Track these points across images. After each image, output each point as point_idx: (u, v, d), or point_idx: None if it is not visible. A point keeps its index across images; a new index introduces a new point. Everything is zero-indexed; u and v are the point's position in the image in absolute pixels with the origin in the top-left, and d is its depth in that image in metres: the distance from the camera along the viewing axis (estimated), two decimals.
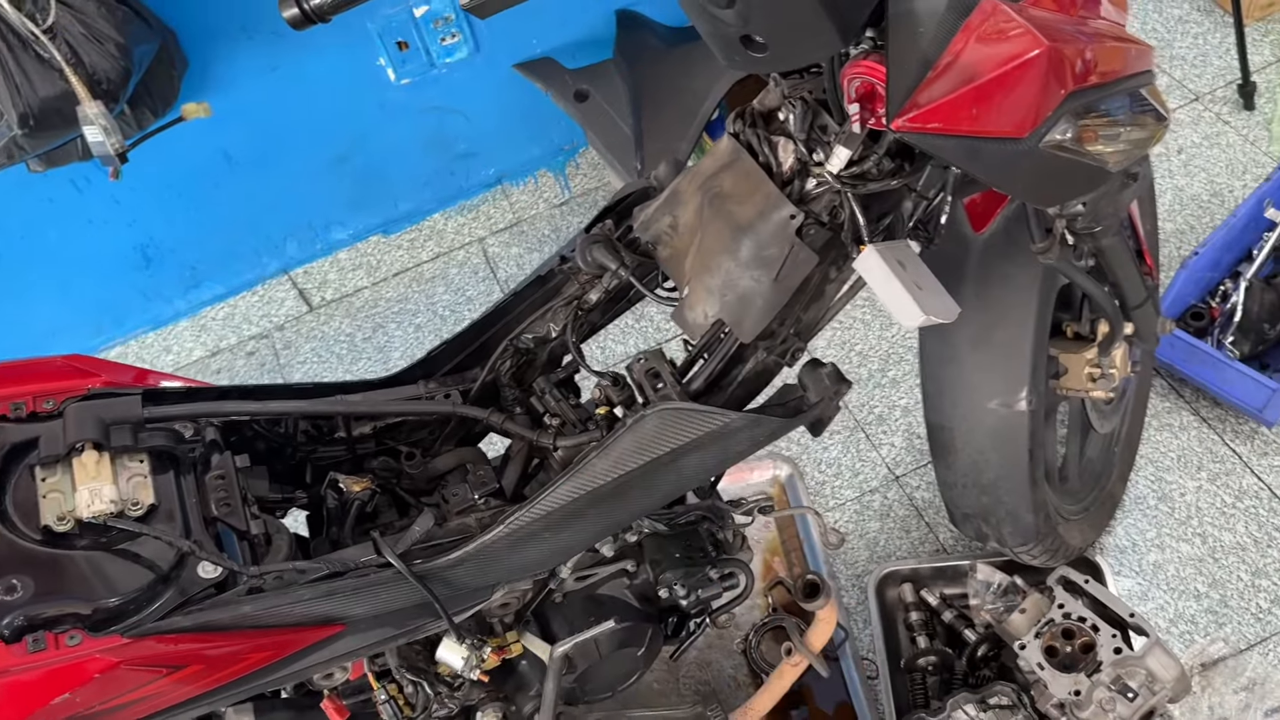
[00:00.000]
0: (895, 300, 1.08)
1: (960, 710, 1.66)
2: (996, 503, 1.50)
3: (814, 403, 1.17)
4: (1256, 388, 1.91)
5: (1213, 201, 2.36)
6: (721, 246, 1.15)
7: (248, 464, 1.20)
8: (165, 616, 1.02)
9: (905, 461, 2.09)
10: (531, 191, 2.73)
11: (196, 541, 1.06)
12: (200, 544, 1.06)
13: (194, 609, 1.03)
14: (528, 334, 1.34)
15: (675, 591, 1.37)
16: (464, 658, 1.22)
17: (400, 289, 2.66)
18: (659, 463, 1.15)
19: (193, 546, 1.04)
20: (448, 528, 1.21)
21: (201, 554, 1.04)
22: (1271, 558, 1.83)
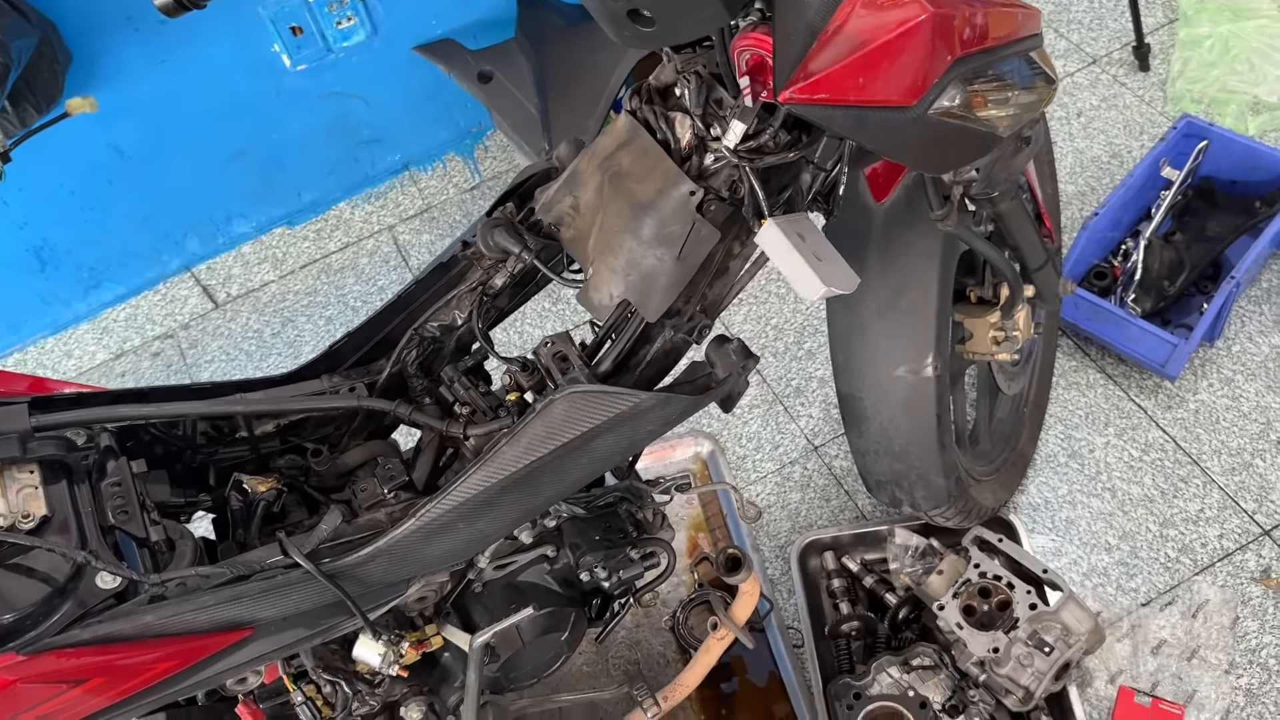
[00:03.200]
0: (796, 273, 1.07)
1: (884, 673, 1.69)
2: (908, 468, 1.52)
3: (722, 379, 1.16)
4: (1159, 343, 1.97)
5: (1112, 163, 2.42)
6: (623, 226, 1.14)
7: (145, 469, 1.16)
8: (63, 630, 0.98)
9: (823, 432, 2.11)
10: (440, 177, 2.68)
11: (92, 551, 1.01)
12: (96, 554, 1.02)
13: (93, 621, 0.99)
14: (433, 323, 1.31)
15: (596, 574, 1.37)
16: (381, 654, 1.20)
17: (309, 281, 2.60)
18: (570, 447, 1.14)
19: (87, 557, 1.00)
20: (357, 524, 1.18)
21: (97, 564, 1.00)
22: (1178, 508, 1.89)
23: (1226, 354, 2.06)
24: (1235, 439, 1.95)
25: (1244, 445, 1.94)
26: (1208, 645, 1.73)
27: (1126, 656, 1.75)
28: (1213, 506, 1.88)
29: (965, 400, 1.75)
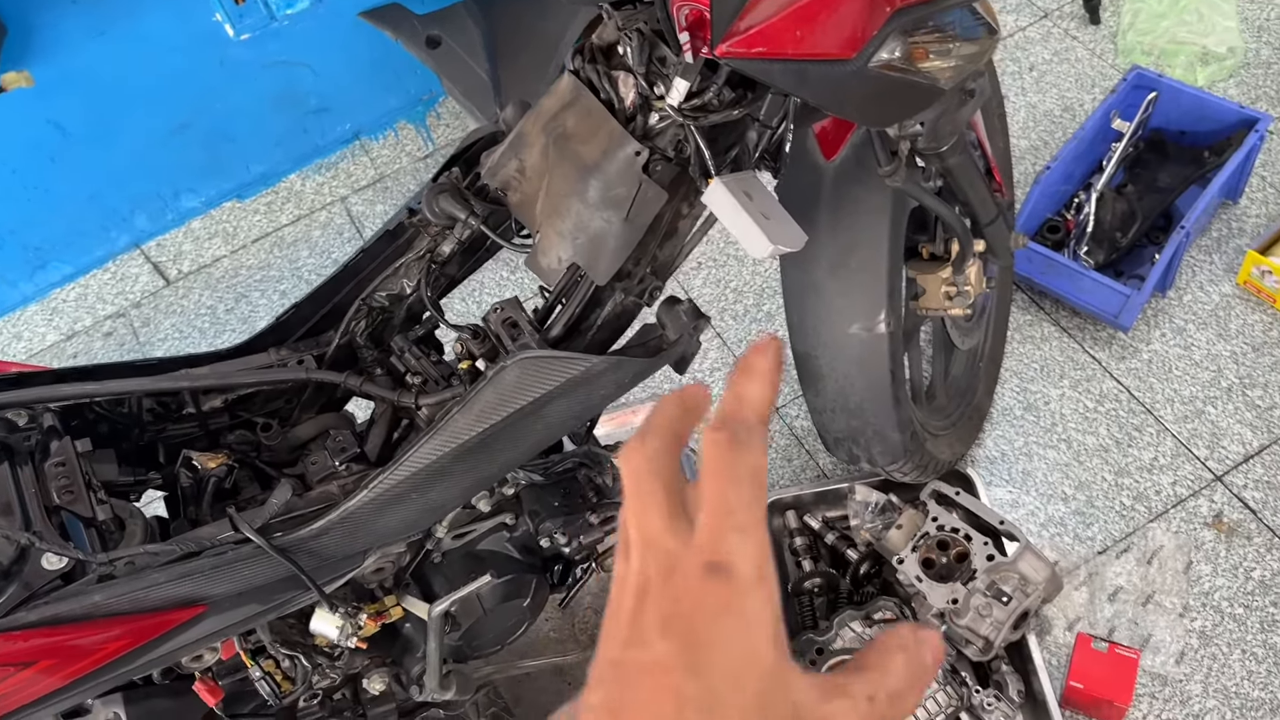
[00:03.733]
0: (743, 232, 1.07)
1: (847, 628, 1.71)
2: (864, 424, 1.53)
3: (674, 340, 1.16)
4: (1112, 295, 1.99)
5: (1065, 116, 2.43)
6: (569, 188, 1.12)
7: (90, 448, 1.14)
8: (9, 613, 0.97)
9: (784, 393, 2.12)
10: (392, 145, 2.65)
11: (35, 532, 1.00)
12: (40, 535, 1.00)
13: (40, 603, 0.98)
14: (381, 292, 1.30)
15: (557, 540, 1.37)
16: (339, 627, 1.20)
17: (261, 255, 2.56)
18: (523, 413, 1.13)
19: (31, 538, 0.99)
20: (309, 497, 1.17)
21: (42, 545, 0.99)
22: (1132, 456, 1.92)
23: (1178, 303, 2.09)
24: (1188, 387, 1.98)
25: (1196, 393, 1.97)
26: (1162, 590, 1.76)
27: (1084, 604, 1.78)
28: (1166, 454, 1.91)
29: (921, 356, 1.76)
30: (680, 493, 0.44)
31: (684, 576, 0.41)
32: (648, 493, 0.44)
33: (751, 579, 0.41)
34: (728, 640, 0.40)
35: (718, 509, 0.42)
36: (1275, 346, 1.99)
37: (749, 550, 0.41)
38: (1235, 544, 1.79)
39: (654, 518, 0.43)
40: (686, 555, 0.42)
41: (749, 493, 0.42)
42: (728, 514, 0.42)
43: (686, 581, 0.41)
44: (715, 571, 0.41)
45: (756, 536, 0.42)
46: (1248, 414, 1.92)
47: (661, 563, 0.42)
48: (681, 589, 0.41)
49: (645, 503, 0.43)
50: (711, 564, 0.41)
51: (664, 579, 0.42)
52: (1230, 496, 1.84)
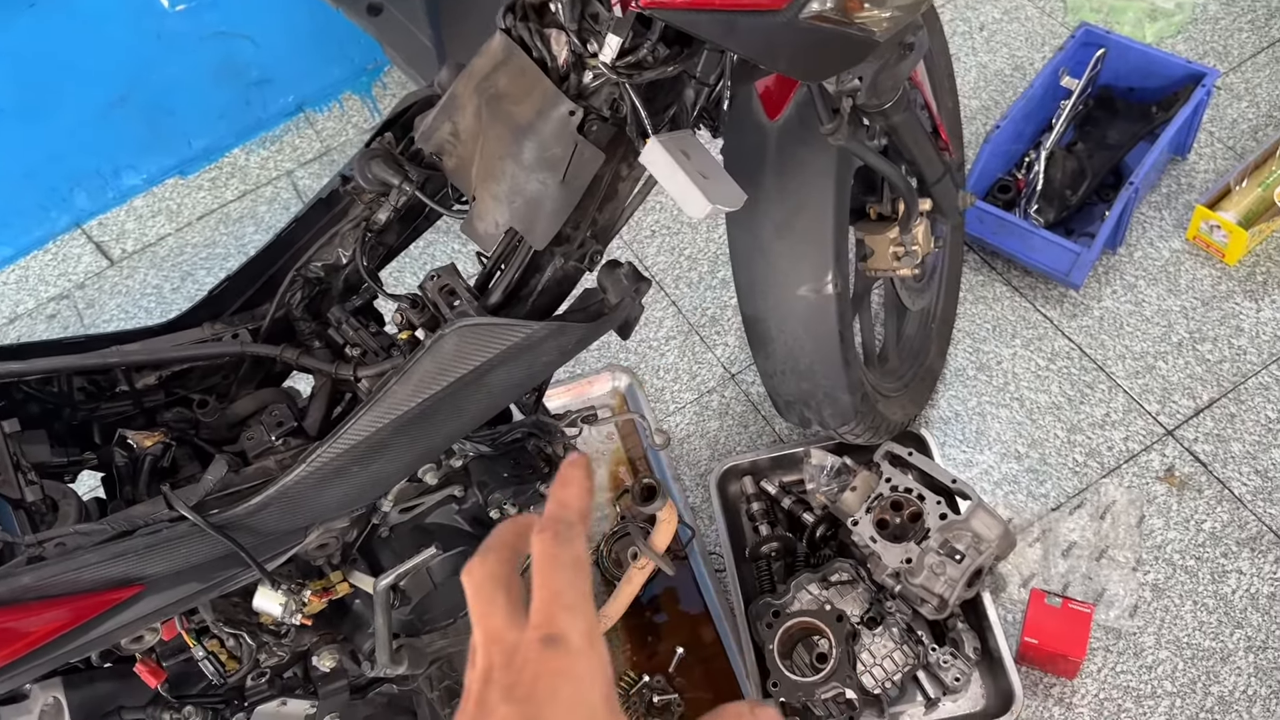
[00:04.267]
0: (681, 191, 1.05)
1: (804, 590, 1.71)
2: (815, 387, 1.52)
3: (615, 304, 1.14)
4: (1062, 253, 1.99)
5: (1015, 75, 2.42)
6: (504, 150, 1.10)
7: (19, 428, 1.11)
8: None
9: (739, 359, 2.11)
10: (338, 117, 2.60)
11: None
12: None
13: None
14: (316, 262, 1.26)
15: (506, 511, 1.35)
16: (282, 604, 1.17)
17: (206, 233, 2.51)
18: (464, 382, 1.11)
19: None
20: (245, 473, 1.14)
21: None
22: (1084, 413, 1.93)
23: (1129, 260, 2.10)
24: (1139, 343, 1.99)
25: (1147, 349, 1.98)
26: (1115, 545, 1.77)
27: (1038, 560, 1.79)
28: (1118, 410, 1.92)
29: (872, 318, 1.76)
30: (517, 594, 0.51)
31: (523, 653, 0.48)
32: (488, 599, 0.51)
33: (583, 646, 0.48)
34: (565, 699, 0.46)
35: (547, 593, 0.49)
36: (1224, 300, 2.01)
37: (578, 623, 0.48)
38: (1186, 497, 1.81)
39: (496, 618, 0.50)
40: (524, 637, 0.48)
41: (573, 575, 0.50)
42: (556, 596, 0.49)
43: (526, 656, 0.47)
44: (550, 643, 0.47)
45: (584, 611, 0.49)
46: (1198, 368, 1.94)
47: (504, 650, 0.48)
48: (521, 663, 0.47)
49: (487, 608, 0.50)
50: (547, 636, 0.47)
51: (506, 661, 0.48)
52: (1181, 450, 1.86)
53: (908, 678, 1.66)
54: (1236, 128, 2.23)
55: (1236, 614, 1.69)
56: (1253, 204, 2.01)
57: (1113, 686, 1.66)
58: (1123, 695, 1.66)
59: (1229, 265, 2.04)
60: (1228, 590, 1.71)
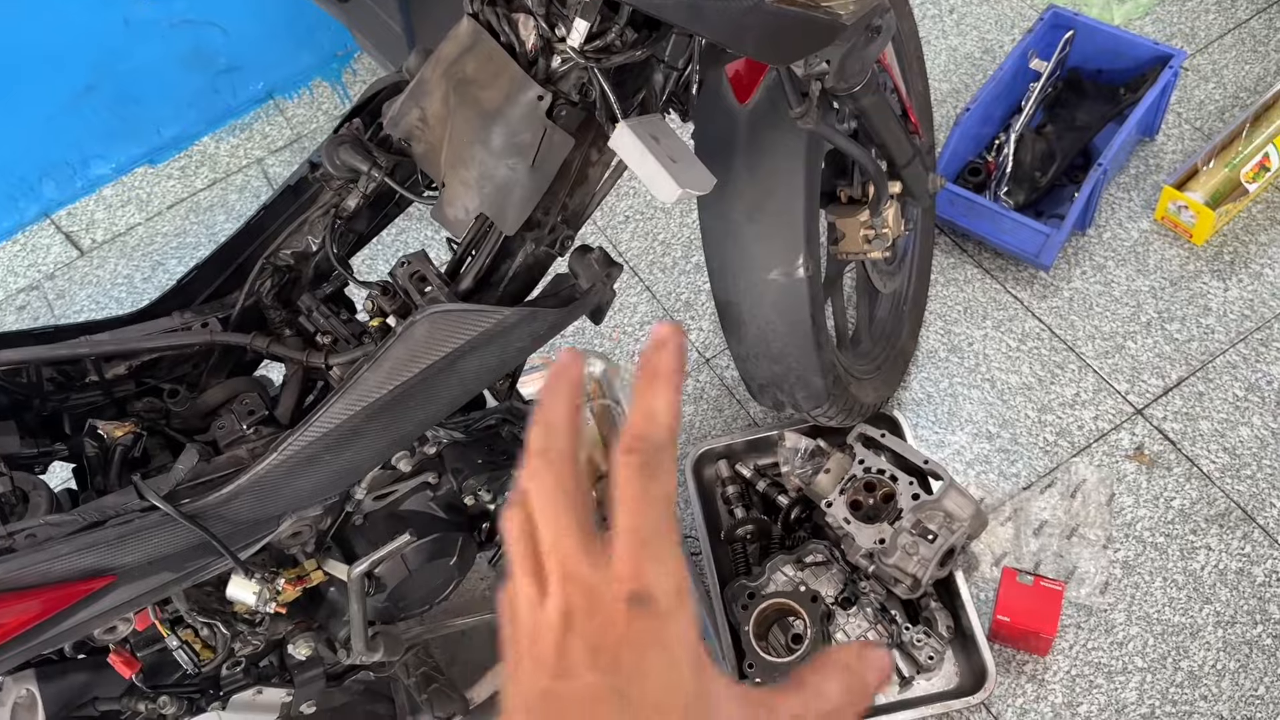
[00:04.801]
0: (651, 175, 1.05)
1: (779, 572, 1.72)
2: (787, 370, 1.53)
3: (586, 289, 1.14)
4: (1032, 234, 2.01)
5: (985, 58, 2.43)
6: (473, 135, 1.09)
7: None
8: None
9: (714, 344, 2.12)
10: (308, 104, 2.58)
11: None
12: None
13: None
14: (285, 250, 1.26)
15: (481, 497, 1.35)
16: (256, 593, 1.18)
17: (177, 222, 2.49)
18: (436, 369, 1.11)
19: None
20: (217, 462, 1.14)
21: None
22: (1055, 393, 1.95)
23: (1098, 241, 2.12)
24: (1108, 323, 2.01)
25: (1116, 329, 2.00)
26: (1086, 523, 1.80)
27: (1010, 539, 1.81)
28: (1088, 390, 1.94)
29: (844, 302, 1.77)
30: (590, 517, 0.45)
31: (607, 608, 0.42)
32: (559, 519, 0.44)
33: (672, 606, 0.43)
34: (653, 670, 0.42)
35: (634, 539, 0.43)
36: (1192, 280, 2.03)
37: (667, 579, 0.43)
38: (1156, 475, 1.83)
39: (572, 546, 0.44)
40: (607, 586, 0.43)
41: (663, 520, 0.44)
42: (643, 544, 0.43)
43: (610, 613, 0.42)
44: (638, 602, 0.42)
45: (673, 563, 0.43)
46: (1166, 347, 1.96)
47: (583, 593, 0.43)
48: (606, 620, 0.42)
49: (560, 531, 0.44)
50: (633, 594, 0.42)
51: (588, 610, 0.43)
52: (1151, 429, 1.88)
53: None
54: (1204, 109, 2.26)
55: (1205, 590, 1.71)
56: (1220, 184, 2.03)
57: (1084, 663, 1.69)
58: (1094, 671, 1.68)
59: (1196, 245, 2.06)
60: (1197, 566, 1.74)
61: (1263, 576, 1.71)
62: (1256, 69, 2.29)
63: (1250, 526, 1.76)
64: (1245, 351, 1.93)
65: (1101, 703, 1.65)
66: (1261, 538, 1.75)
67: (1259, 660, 1.65)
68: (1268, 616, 1.68)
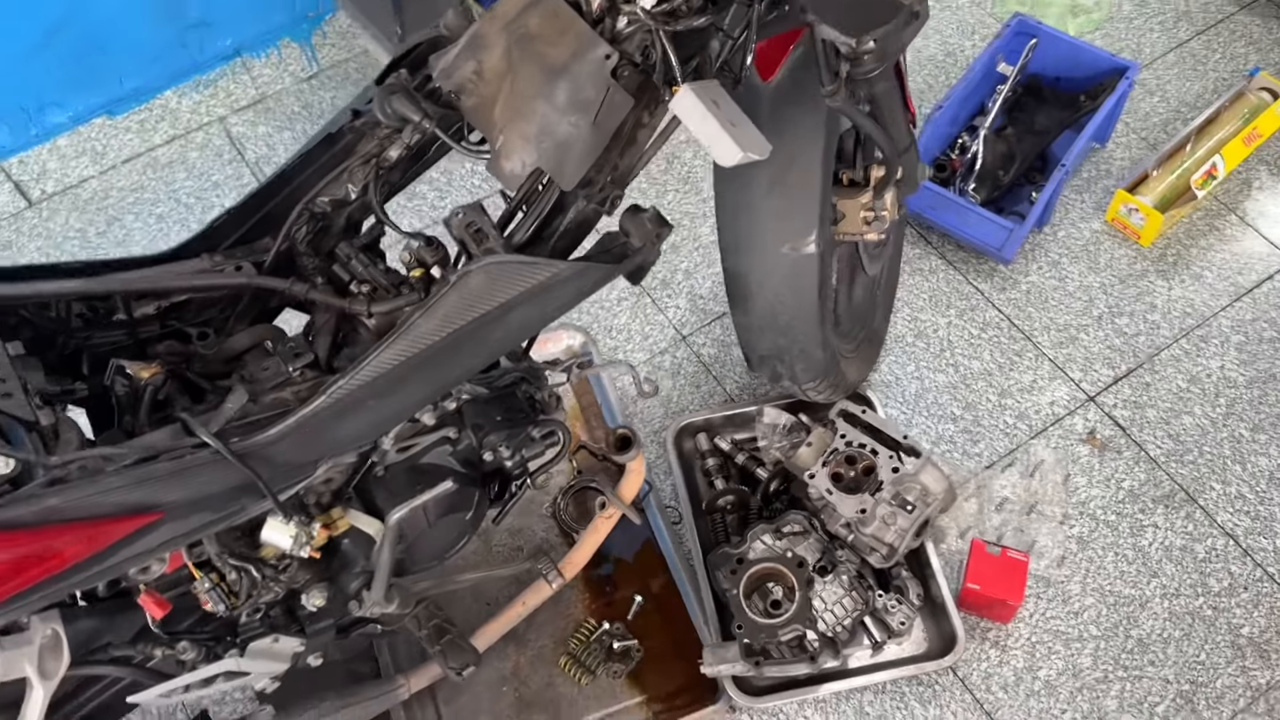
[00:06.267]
0: (713, 139, 1.09)
1: (759, 540, 1.78)
2: (791, 342, 1.58)
3: (638, 247, 1.17)
4: (996, 229, 2.11)
5: (947, 61, 2.54)
6: (535, 91, 1.11)
7: (23, 352, 1.08)
8: None
9: (690, 322, 2.16)
10: (275, 65, 2.53)
11: None
12: None
13: None
14: (323, 197, 1.26)
15: (500, 453, 1.37)
16: (293, 536, 1.17)
17: (133, 177, 2.41)
18: (487, 319, 1.13)
19: None
20: (262, 403, 1.14)
21: None
22: (1014, 379, 2.05)
23: (1053, 239, 2.23)
24: (1062, 315, 2.13)
25: (1070, 321, 2.12)
26: (1044, 500, 1.90)
27: (973, 514, 1.90)
28: (1044, 377, 2.05)
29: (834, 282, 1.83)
30: None
31: None
32: None
33: None
34: None
35: None
36: (1139, 279, 2.16)
37: None
38: (1107, 458, 1.95)
39: None
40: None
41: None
42: None
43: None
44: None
45: None
46: (1116, 340, 2.09)
47: None
48: None
49: None
50: None
51: None
52: (1102, 415, 2.00)
53: (856, 622, 1.74)
54: (1149, 120, 2.40)
55: (1153, 564, 1.84)
56: (1166, 190, 2.17)
57: (1043, 630, 1.79)
58: (1053, 638, 1.78)
59: (1143, 246, 2.20)
60: (1145, 543, 1.86)
61: (1204, 553, 1.84)
62: (1196, 86, 2.45)
63: (1193, 507, 1.89)
64: (1187, 346, 2.07)
65: (1060, 667, 1.76)
66: (1203, 517, 1.88)
67: (1200, 629, 1.77)
68: (1208, 589, 1.81)
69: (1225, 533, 1.86)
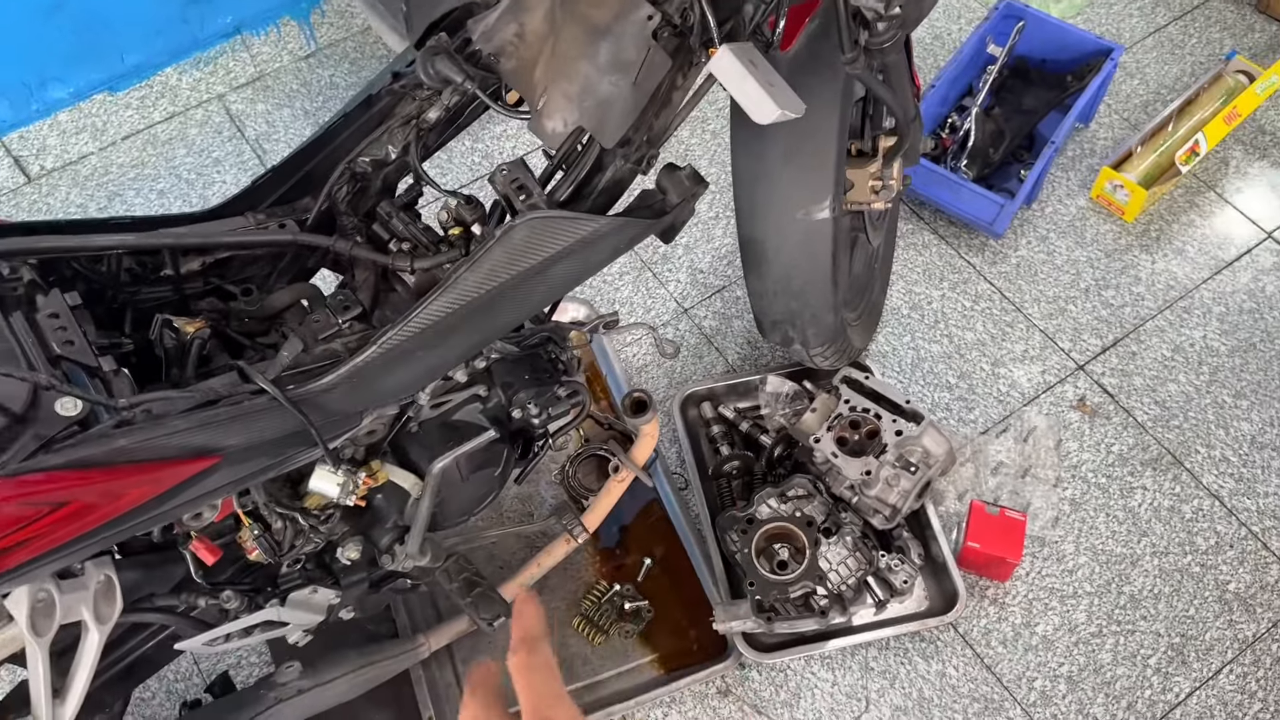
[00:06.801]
0: (751, 98, 1.13)
1: (764, 504, 1.83)
2: (804, 306, 1.64)
3: (676, 203, 1.22)
4: (988, 204, 2.18)
5: (935, 44, 2.60)
6: (578, 51, 1.15)
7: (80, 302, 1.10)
8: (32, 456, 0.94)
9: (691, 295, 2.21)
10: (274, 43, 2.54)
11: (56, 375, 0.97)
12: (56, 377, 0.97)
13: (63, 446, 0.95)
14: (364, 157, 1.29)
15: (529, 411, 1.40)
16: (340, 484, 1.21)
17: (133, 153, 2.42)
18: (529, 273, 1.17)
19: (51, 380, 0.96)
20: (314, 354, 1.17)
21: (63, 388, 0.96)
22: (1006, 349, 2.12)
23: (1041, 215, 2.31)
24: (1051, 288, 2.20)
25: (1059, 293, 2.19)
26: (1037, 464, 1.97)
27: (970, 478, 1.97)
28: (1035, 347, 2.12)
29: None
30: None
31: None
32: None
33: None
34: None
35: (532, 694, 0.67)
36: (1124, 253, 2.24)
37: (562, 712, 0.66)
38: (1097, 424, 2.02)
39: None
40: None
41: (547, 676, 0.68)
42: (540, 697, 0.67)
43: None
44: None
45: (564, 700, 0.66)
46: (1103, 311, 2.16)
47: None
48: None
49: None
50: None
51: None
52: (1091, 383, 2.07)
53: (861, 581, 1.80)
54: (1130, 101, 2.48)
55: (1142, 524, 1.91)
56: (1150, 168, 2.25)
57: (1040, 588, 1.86)
58: (1049, 595, 1.85)
59: (1127, 222, 2.28)
60: (1134, 504, 1.93)
61: (1190, 513, 1.92)
62: (1175, 69, 2.54)
63: (1179, 470, 1.97)
64: (1171, 318, 2.15)
65: (1056, 623, 1.83)
66: (1189, 480, 1.96)
67: (1189, 585, 1.85)
68: (1195, 548, 1.89)
69: (1211, 494, 1.94)
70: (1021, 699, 1.76)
